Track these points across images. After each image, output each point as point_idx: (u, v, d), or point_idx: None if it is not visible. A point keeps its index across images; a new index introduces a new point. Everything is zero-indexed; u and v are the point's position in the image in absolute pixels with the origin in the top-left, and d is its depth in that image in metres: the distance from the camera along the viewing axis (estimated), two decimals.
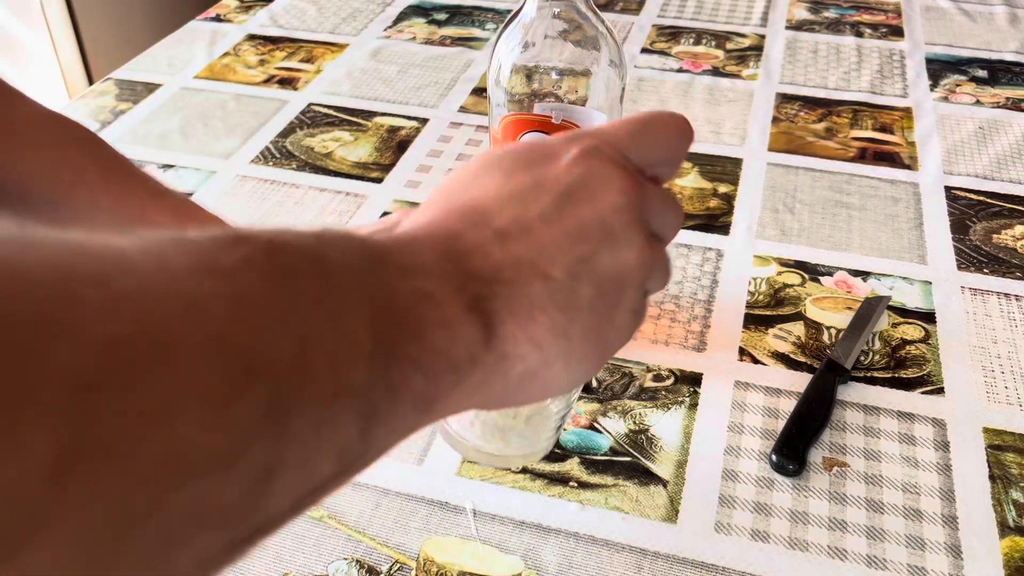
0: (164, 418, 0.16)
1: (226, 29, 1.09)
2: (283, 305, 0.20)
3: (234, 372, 0.18)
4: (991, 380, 0.60)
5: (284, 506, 0.20)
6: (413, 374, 0.23)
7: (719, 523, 0.50)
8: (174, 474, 0.16)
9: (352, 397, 0.21)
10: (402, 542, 0.49)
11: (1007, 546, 0.49)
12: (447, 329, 0.24)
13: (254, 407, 0.18)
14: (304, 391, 0.19)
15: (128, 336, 0.16)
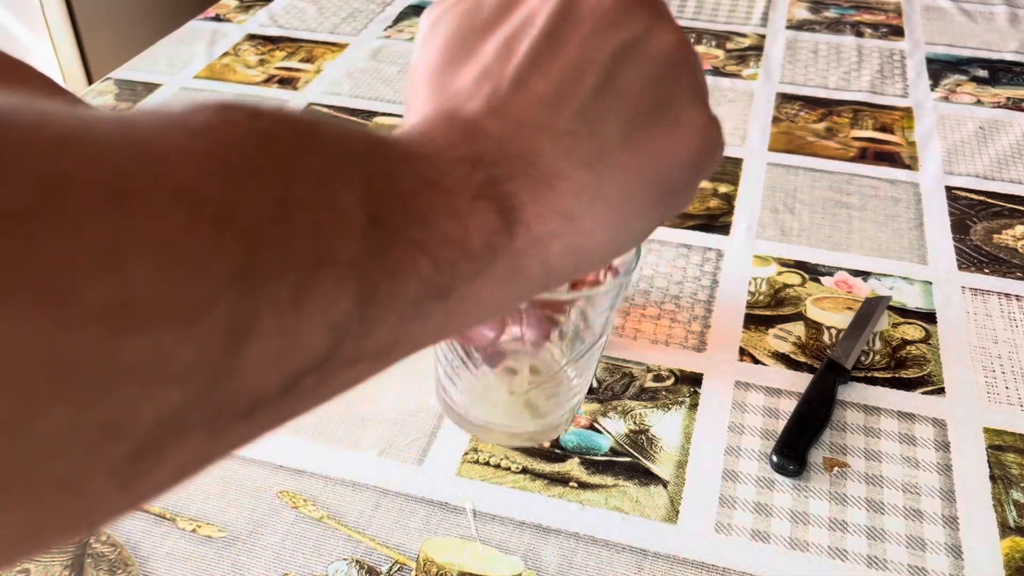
0: (112, 263, 0.15)
1: (226, 29, 1.09)
2: (263, 166, 0.18)
3: (200, 223, 0.17)
4: (992, 380, 0.60)
5: (272, 381, 0.18)
6: (419, 258, 0.21)
7: (719, 523, 0.50)
8: (122, 321, 0.15)
9: (339, 267, 0.19)
10: (402, 542, 0.49)
11: (1008, 546, 0.49)
12: (456, 219, 0.21)
13: (221, 261, 0.17)
14: (282, 252, 0.18)
15: (73, 174, 0.15)
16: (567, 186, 0.23)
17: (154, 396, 0.16)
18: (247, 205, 0.17)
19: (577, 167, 0.23)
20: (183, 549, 0.49)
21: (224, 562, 0.48)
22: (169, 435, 0.16)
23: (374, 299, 0.20)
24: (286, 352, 0.18)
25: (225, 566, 0.48)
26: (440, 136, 0.23)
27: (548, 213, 0.23)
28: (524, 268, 0.23)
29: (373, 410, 0.58)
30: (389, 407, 0.58)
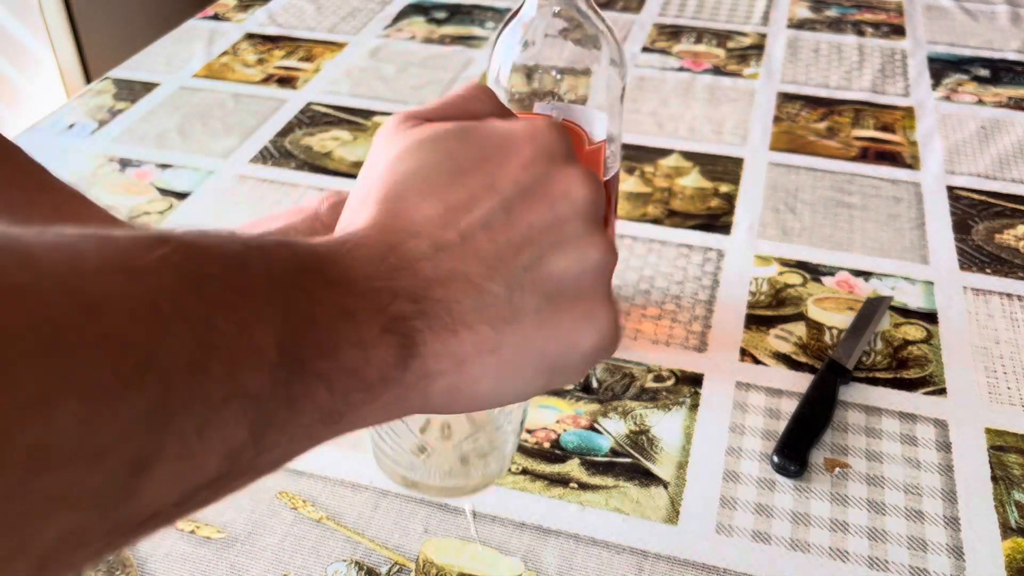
0: (38, 409, 0.16)
1: (224, 28, 1.09)
2: (190, 308, 0.20)
3: (125, 369, 0.18)
4: (993, 381, 0.60)
5: (169, 498, 0.20)
6: (318, 388, 0.23)
7: (720, 524, 0.50)
8: (42, 462, 0.17)
9: (245, 400, 0.21)
10: (401, 543, 0.49)
11: (1009, 547, 0.49)
12: (361, 350, 0.23)
13: (139, 404, 0.18)
14: (195, 391, 0.20)
15: (10, 327, 0.16)
16: (470, 337, 0.25)
17: (59, 520, 0.17)
18: (170, 349, 0.19)
19: (486, 324, 0.25)
20: (182, 550, 0.49)
21: (223, 563, 0.48)
22: (69, 549, 0.18)
23: (271, 427, 0.22)
24: (184, 475, 0.20)
25: (224, 567, 0.48)
26: (373, 261, 0.25)
27: (444, 355, 0.25)
28: (406, 399, 0.25)
29: None
30: None
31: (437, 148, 0.27)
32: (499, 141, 0.28)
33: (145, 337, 0.19)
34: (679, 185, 0.80)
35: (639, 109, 0.91)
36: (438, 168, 0.27)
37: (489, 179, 0.27)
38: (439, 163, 0.27)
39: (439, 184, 0.27)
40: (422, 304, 0.25)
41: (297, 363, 0.22)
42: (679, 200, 0.78)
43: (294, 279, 0.23)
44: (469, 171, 0.27)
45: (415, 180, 0.27)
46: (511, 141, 0.28)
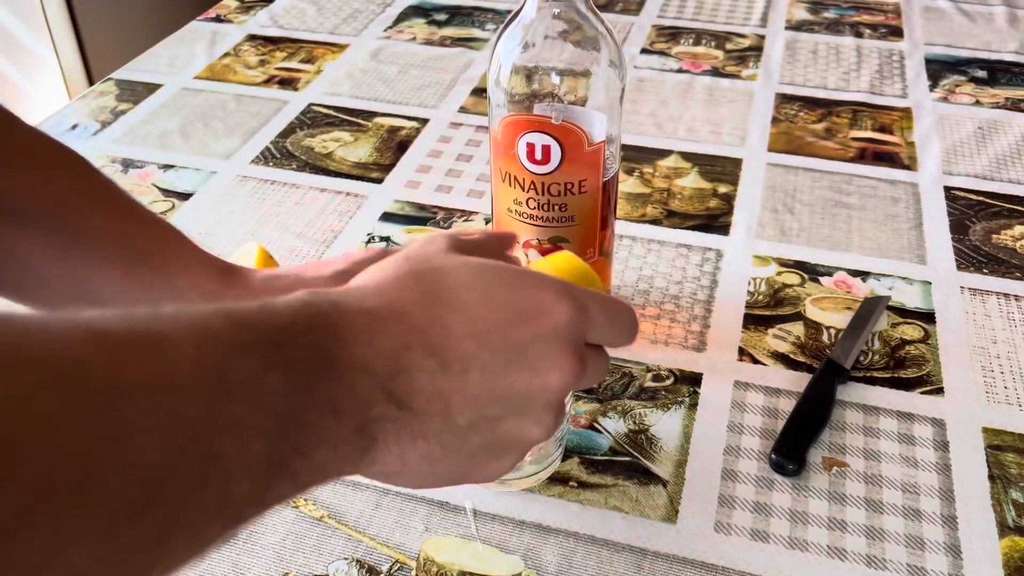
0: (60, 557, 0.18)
1: (226, 29, 1.09)
2: (204, 429, 0.22)
3: (139, 498, 0.20)
4: (990, 380, 0.60)
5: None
6: (286, 484, 0.25)
7: (719, 523, 0.50)
8: None
9: (229, 509, 0.23)
10: (402, 542, 0.50)
11: (1006, 546, 0.49)
12: (332, 450, 0.26)
13: (146, 532, 0.20)
14: (193, 512, 0.22)
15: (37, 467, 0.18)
16: (422, 447, 0.29)
17: None
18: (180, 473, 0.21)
19: (439, 444, 0.30)
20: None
21: (224, 561, 0.49)
22: None
23: (241, 524, 0.24)
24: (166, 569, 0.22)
25: (225, 565, 0.48)
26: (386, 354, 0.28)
27: (396, 456, 0.29)
28: (346, 474, 0.28)
29: None
30: None
31: (482, 276, 0.32)
32: (533, 302, 0.32)
33: (164, 461, 0.20)
34: (678, 186, 0.80)
35: (638, 110, 0.92)
36: (478, 293, 0.31)
37: (507, 329, 0.31)
38: (479, 289, 0.31)
39: (471, 309, 0.30)
40: (402, 411, 0.28)
41: (279, 467, 0.25)
42: (678, 201, 0.78)
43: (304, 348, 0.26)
44: (497, 310, 0.31)
45: (456, 291, 0.31)
46: (541, 308, 0.32)
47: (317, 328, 0.27)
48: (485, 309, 0.31)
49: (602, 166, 0.55)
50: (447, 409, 0.29)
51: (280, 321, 0.26)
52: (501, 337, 0.30)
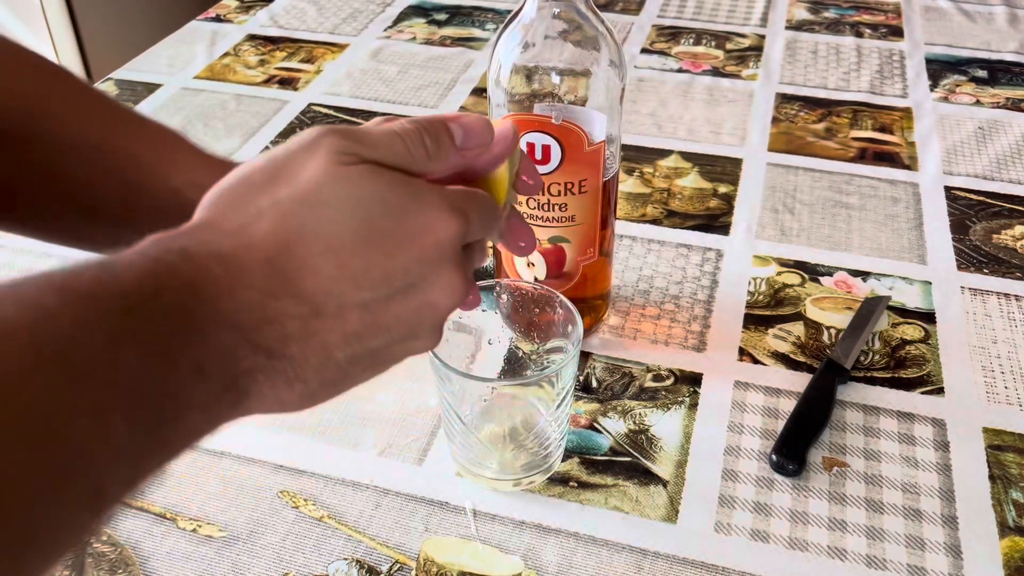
0: None
1: (226, 29, 1.09)
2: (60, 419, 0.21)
3: None
4: (991, 380, 0.60)
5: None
6: (158, 456, 0.24)
7: (719, 523, 0.50)
8: None
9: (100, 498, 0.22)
10: (402, 542, 0.50)
11: (1007, 546, 0.49)
12: (203, 411, 0.25)
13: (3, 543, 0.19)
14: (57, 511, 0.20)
15: None
16: (300, 388, 0.28)
17: None
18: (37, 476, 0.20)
19: (317, 380, 0.28)
20: (183, 549, 0.49)
21: (224, 562, 0.49)
22: None
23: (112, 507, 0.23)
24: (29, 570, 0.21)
25: (225, 566, 0.48)
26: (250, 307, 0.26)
27: (271, 399, 0.27)
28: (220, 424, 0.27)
29: (373, 410, 0.58)
30: (389, 407, 0.58)
31: (359, 207, 0.29)
32: (416, 225, 0.29)
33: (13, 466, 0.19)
34: (678, 186, 0.80)
35: (638, 110, 0.92)
36: (351, 230, 0.28)
37: (387, 263, 0.29)
38: (354, 226, 0.28)
39: (345, 249, 0.28)
40: (274, 360, 0.27)
41: (146, 442, 0.23)
42: (678, 201, 0.78)
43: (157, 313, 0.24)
44: (376, 245, 0.29)
45: (327, 230, 0.28)
46: (420, 225, 0.30)
47: (169, 289, 0.24)
48: (363, 243, 0.28)
49: (602, 166, 0.55)
50: (325, 349, 0.28)
51: (126, 286, 0.23)
52: (381, 272, 0.28)
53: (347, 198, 0.28)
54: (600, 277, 0.62)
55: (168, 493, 0.52)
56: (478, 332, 0.55)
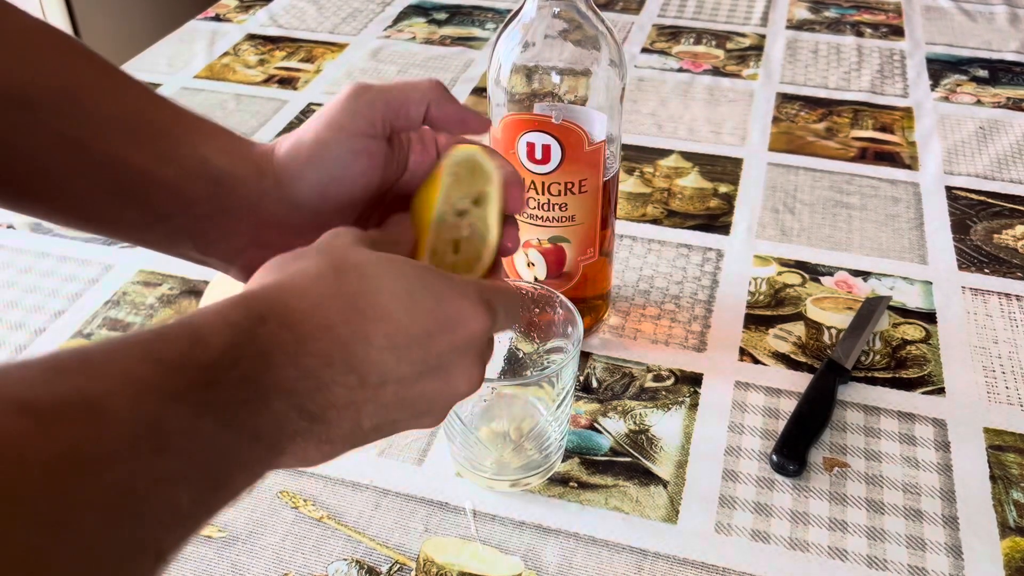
0: None
1: (226, 29, 1.09)
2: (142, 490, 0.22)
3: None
4: (992, 380, 0.60)
5: None
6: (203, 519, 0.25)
7: (719, 523, 0.50)
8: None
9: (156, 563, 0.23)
10: (402, 543, 0.49)
11: (1008, 546, 0.49)
12: (246, 471, 0.26)
13: None
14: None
15: None
16: (326, 449, 0.29)
17: None
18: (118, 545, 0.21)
19: (342, 444, 0.30)
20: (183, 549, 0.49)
21: (224, 562, 0.48)
22: None
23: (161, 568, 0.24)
24: None
25: (225, 566, 0.48)
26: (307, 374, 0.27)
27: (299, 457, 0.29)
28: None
29: None
30: None
31: (407, 285, 0.31)
32: (453, 311, 0.31)
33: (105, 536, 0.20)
34: (678, 185, 0.80)
35: (638, 110, 0.92)
36: (403, 306, 0.30)
37: (427, 342, 0.30)
38: (405, 302, 0.30)
39: (394, 322, 0.30)
40: (315, 424, 0.28)
41: (200, 502, 0.24)
42: (678, 200, 0.78)
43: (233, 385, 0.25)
44: (420, 324, 0.30)
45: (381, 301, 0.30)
46: (460, 317, 0.32)
47: (246, 358, 0.26)
48: (408, 318, 0.30)
49: (602, 166, 0.55)
50: (357, 417, 0.29)
51: (209, 357, 0.25)
52: (421, 349, 0.30)
53: (397, 275, 0.31)
54: (600, 277, 0.62)
55: None
56: None
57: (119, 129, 0.36)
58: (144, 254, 0.71)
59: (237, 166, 0.37)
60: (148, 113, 0.37)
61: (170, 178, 0.36)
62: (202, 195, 0.37)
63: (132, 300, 0.67)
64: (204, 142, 0.38)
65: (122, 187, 0.36)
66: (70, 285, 0.69)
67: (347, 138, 0.37)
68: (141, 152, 0.36)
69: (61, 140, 0.35)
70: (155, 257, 0.71)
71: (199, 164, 0.37)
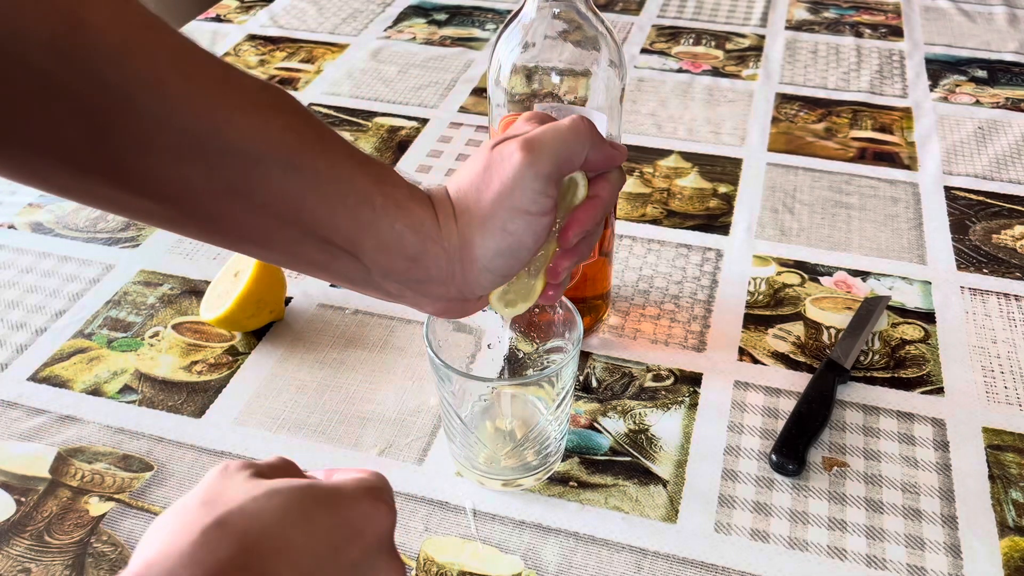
0: None
1: (226, 29, 1.09)
2: None
3: None
4: (990, 380, 0.60)
5: None
6: None
7: (719, 523, 0.50)
8: None
9: None
10: (402, 542, 0.50)
11: (1007, 546, 0.49)
12: None
13: None
14: None
15: None
16: None
17: None
18: None
19: None
20: None
21: None
22: None
23: None
24: None
25: None
26: None
27: None
28: None
29: (373, 410, 0.58)
30: (389, 407, 0.58)
31: (307, 506, 0.30)
32: (354, 516, 0.31)
33: None
34: (678, 186, 0.80)
35: (638, 110, 0.92)
36: (304, 530, 0.29)
37: (338, 557, 0.30)
38: (305, 525, 0.29)
39: (300, 550, 0.29)
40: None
41: None
42: (678, 200, 0.78)
43: None
44: (325, 539, 0.29)
45: (279, 534, 0.29)
46: (362, 520, 0.31)
47: None
48: (309, 540, 0.29)
49: None
50: None
51: None
52: (332, 566, 0.29)
53: (282, 497, 0.29)
54: (600, 277, 0.62)
55: (168, 493, 0.52)
56: (478, 332, 0.55)
57: (332, 194, 0.37)
58: (144, 254, 0.72)
59: (428, 247, 0.39)
60: (354, 179, 0.38)
61: (371, 247, 0.38)
62: (400, 269, 0.39)
63: (133, 300, 0.67)
64: (399, 216, 0.39)
65: (331, 246, 0.38)
66: (71, 285, 0.69)
67: (531, 221, 0.39)
68: (349, 219, 0.37)
69: (280, 198, 0.36)
70: (156, 257, 0.71)
71: (396, 240, 0.38)
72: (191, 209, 0.35)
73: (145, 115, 0.32)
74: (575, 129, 0.39)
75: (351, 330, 0.64)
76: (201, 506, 0.29)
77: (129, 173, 0.33)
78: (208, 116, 0.33)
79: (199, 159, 0.34)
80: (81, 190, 0.34)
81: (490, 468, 0.52)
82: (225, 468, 0.32)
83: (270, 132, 0.35)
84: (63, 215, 0.76)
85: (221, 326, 0.63)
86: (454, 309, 0.42)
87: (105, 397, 0.59)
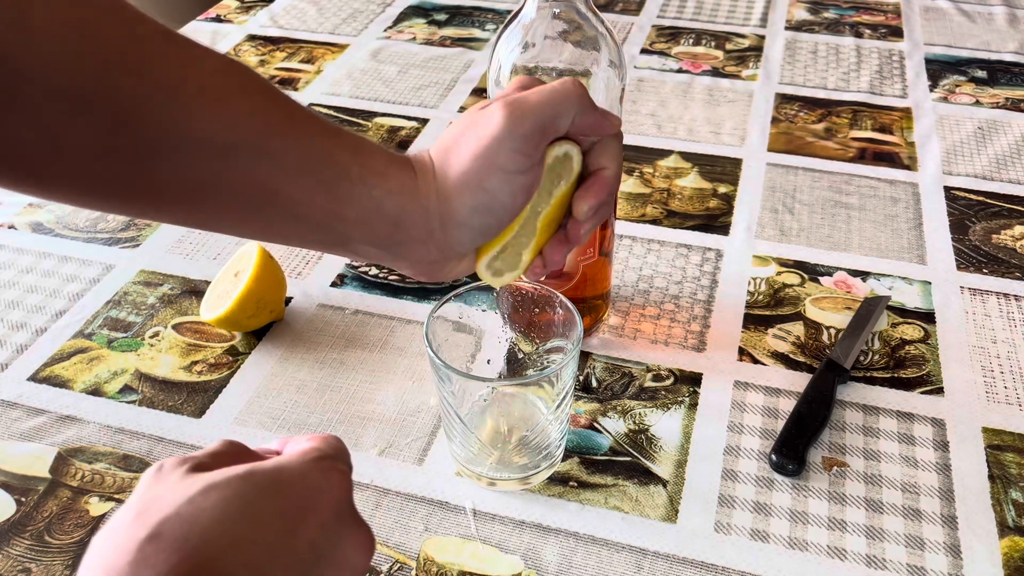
0: None
1: (226, 30, 1.09)
2: None
3: None
4: (990, 380, 0.60)
5: None
6: None
7: (719, 523, 0.50)
8: None
9: None
10: (402, 542, 0.50)
11: (1006, 546, 0.49)
12: None
13: None
14: None
15: None
16: None
17: None
18: None
19: None
20: None
21: None
22: None
23: None
24: None
25: None
26: None
27: None
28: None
29: (373, 410, 0.58)
30: (389, 407, 0.58)
31: (250, 496, 0.28)
32: (302, 493, 0.29)
33: None
34: (678, 186, 0.80)
35: (638, 110, 0.92)
36: (252, 522, 0.27)
37: (294, 541, 0.28)
38: (251, 516, 0.28)
39: (251, 543, 0.27)
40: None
41: None
42: (678, 201, 0.78)
43: None
44: (276, 526, 0.28)
45: (226, 533, 0.27)
46: (313, 494, 0.29)
47: None
48: (257, 531, 0.27)
49: None
50: None
51: None
52: (288, 552, 0.28)
53: (222, 491, 0.28)
54: (600, 277, 0.62)
55: None
56: (478, 332, 0.55)
57: (306, 173, 0.36)
58: (144, 254, 0.72)
59: (407, 207, 0.39)
60: (329, 154, 0.37)
61: (351, 218, 0.38)
62: (381, 234, 0.39)
63: (133, 300, 0.67)
64: (377, 183, 0.38)
65: (309, 221, 0.38)
66: (71, 285, 0.69)
67: (509, 179, 0.38)
68: (326, 194, 0.37)
69: (253, 184, 0.35)
70: (156, 257, 0.71)
71: (375, 207, 0.38)
72: (158, 204, 0.35)
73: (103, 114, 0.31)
74: (563, 91, 0.38)
75: (351, 330, 0.64)
76: (135, 519, 0.27)
77: (91, 175, 0.32)
78: (167, 109, 0.33)
79: (161, 155, 0.33)
80: (43, 192, 0.33)
81: (490, 468, 0.52)
82: (159, 468, 0.29)
83: (236, 119, 0.34)
84: (63, 215, 0.76)
85: (221, 326, 0.63)
86: (434, 271, 0.42)
87: (105, 397, 0.59)
